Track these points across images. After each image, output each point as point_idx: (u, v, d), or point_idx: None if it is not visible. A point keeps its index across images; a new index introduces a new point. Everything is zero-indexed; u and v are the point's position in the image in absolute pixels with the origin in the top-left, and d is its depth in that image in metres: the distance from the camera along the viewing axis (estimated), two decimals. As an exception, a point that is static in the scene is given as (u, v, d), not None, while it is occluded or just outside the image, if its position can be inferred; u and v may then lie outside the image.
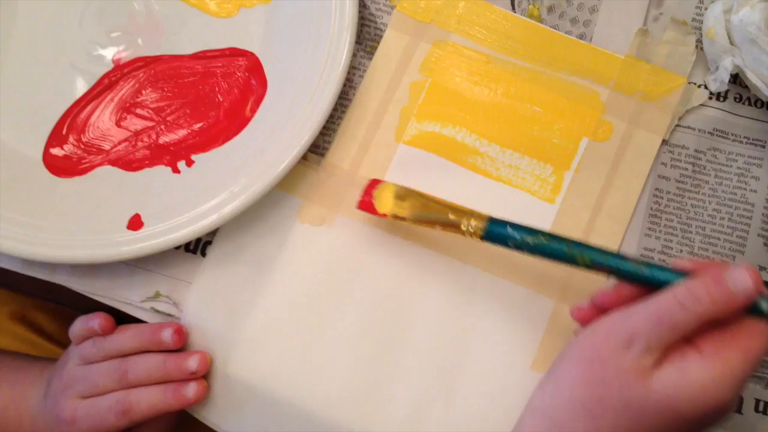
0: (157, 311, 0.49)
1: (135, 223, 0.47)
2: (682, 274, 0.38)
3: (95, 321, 0.48)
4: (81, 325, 0.49)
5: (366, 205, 0.47)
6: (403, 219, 0.46)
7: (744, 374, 0.36)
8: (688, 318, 0.36)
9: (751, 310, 0.36)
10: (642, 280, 0.39)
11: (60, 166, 0.50)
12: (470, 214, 0.44)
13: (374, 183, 0.48)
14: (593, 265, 0.40)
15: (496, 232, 0.43)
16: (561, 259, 0.41)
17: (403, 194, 0.47)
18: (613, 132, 0.50)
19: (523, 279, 0.48)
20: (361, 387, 0.47)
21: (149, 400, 0.46)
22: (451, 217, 0.45)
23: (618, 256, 0.40)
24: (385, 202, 0.47)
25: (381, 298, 0.48)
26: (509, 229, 0.42)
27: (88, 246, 0.46)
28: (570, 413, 0.38)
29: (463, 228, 0.44)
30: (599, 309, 0.41)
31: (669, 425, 0.36)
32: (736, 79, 0.50)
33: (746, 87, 0.49)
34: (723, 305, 0.36)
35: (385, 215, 0.47)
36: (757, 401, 0.46)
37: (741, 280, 0.36)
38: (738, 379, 0.36)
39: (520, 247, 0.42)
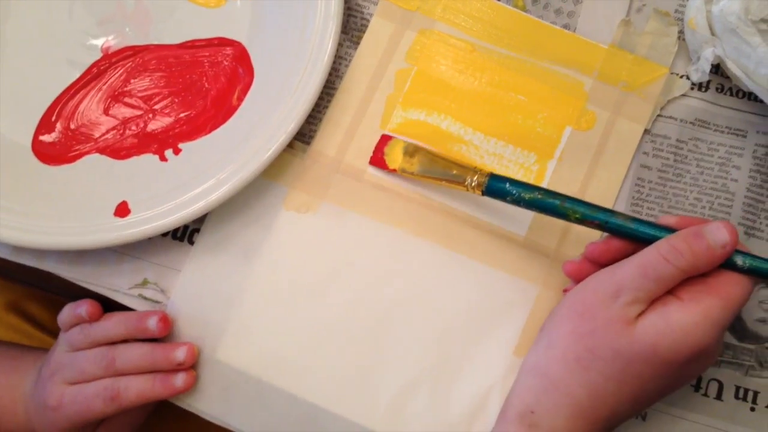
0: (145, 298, 0.49)
1: (122, 210, 0.47)
2: (667, 229, 0.40)
3: (83, 308, 0.48)
4: (69, 311, 0.49)
5: (378, 161, 0.49)
6: (411, 174, 0.48)
7: (723, 319, 0.38)
8: (671, 271, 0.38)
9: (728, 265, 0.39)
10: (629, 235, 0.41)
11: (49, 154, 0.50)
12: (473, 170, 0.46)
13: (385, 139, 0.50)
14: (584, 220, 0.42)
15: (496, 187, 0.45)
16: (554, 214, 0.43)
17: (412, 150, 0.49)
18: (596, 121, 0.50)
19: (507, 265, 0.48)
20: (348, 372, 0.47)
21: (138, 387, 0.46)
22: (455, 172, 0.47)
23: (607, 211, 0.42)
24: (395, 157, 0.49)
25: (366, 284, 0.48)
26: (508, 185, 0.44)
27: (75, 233, 0.46)
28: (563, 367, 0.40)
29: (466, 183, 0.46)
30: (591, 262, 0.43)
31: (655, 370, 0.39)
32: (718, 69, 0.50)
33: (728, 77, 0.49)
34: (703, 259, 0.38)
35: (395, 170, 0.49)
36: (738, 388, 0.47)
37: (720, 235, 0.39)
38: (717, 324, 0.38)
39: (517, 201, 0.44)
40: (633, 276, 0.39)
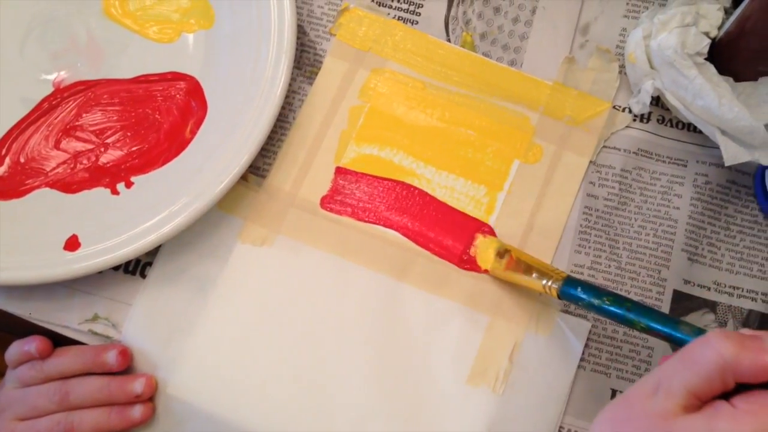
0: (96, 333, 0.46)
1: (72, 243, 0.44)
2: None
3: (32, 345, 0.45)
4: (17, 349, 0.46)
5: (467, 261, 0.47)
6: (497, 274, 0.46)
7: None
8: (712, 357, 0.31)
9: None
10: None
11: (-2, 189, 0.47)
12: (551, 273, 0.43)
13: (474, 231, 0.47)
14: (649, 331, 0.38)
15: (568, 292, 0.41)
16: (621, 322, 0.39)
17: (502, 251, 0.46)
18: (543, 154, 0.49)
19: (458, 296, 0.46)
20: (302, 405, 0.45)
21: (92, 420, 0.44)
22: (535, 275, 0.43)
23: (672, 322, 0.37)
24: (487, 258, 0.47)
25: (320, 317, 0.46)
26: (579, 291, 0.40)
27: (23, 267, 0.44)
28: None
29: (544, 285, 0.42)
30: None
31: None
32: (659, 101, 0.49)
33: (668, 109, 0.48)
34: (750, 353, 0.31)
35: (486, 271, 0.46)
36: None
37: None
38: None
39: (588, 308, 0.40)
40: (672, 365, 0.33)
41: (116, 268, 0.47)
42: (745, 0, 0.44)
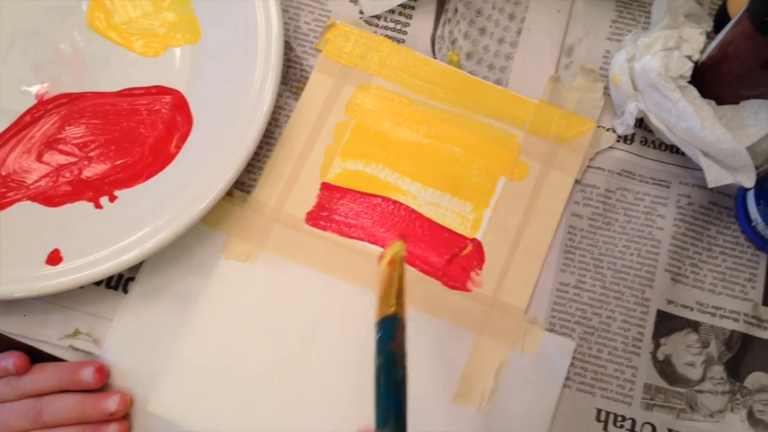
0: (76, 349, 0.45)
1: (54, 258, 0.43)
2: None
3: (9, 360, 0.44)
4: (-7, 364, 0.44)
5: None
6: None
7: None
8: None
9: None
10: None
11: (-23, 202, 0.46)
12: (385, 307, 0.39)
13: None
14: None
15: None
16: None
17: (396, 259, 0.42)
18: (529, 172, 0.49)
19: (444, 313, 0.46)
20: (285, 423, 0.44)
21: None
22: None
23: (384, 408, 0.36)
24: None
25: (304, 334, 0.45)
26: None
27: (4, 281, 0.43)
28: None
29: None
30: None
31: None
32: (642, 123, 0.49)
33: (651, 131, 0.49)
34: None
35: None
36: (670, 431, 0.45)
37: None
38: None
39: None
40: None
41: (98, 283, 0.46)
42: (727, 25, 0.45)
